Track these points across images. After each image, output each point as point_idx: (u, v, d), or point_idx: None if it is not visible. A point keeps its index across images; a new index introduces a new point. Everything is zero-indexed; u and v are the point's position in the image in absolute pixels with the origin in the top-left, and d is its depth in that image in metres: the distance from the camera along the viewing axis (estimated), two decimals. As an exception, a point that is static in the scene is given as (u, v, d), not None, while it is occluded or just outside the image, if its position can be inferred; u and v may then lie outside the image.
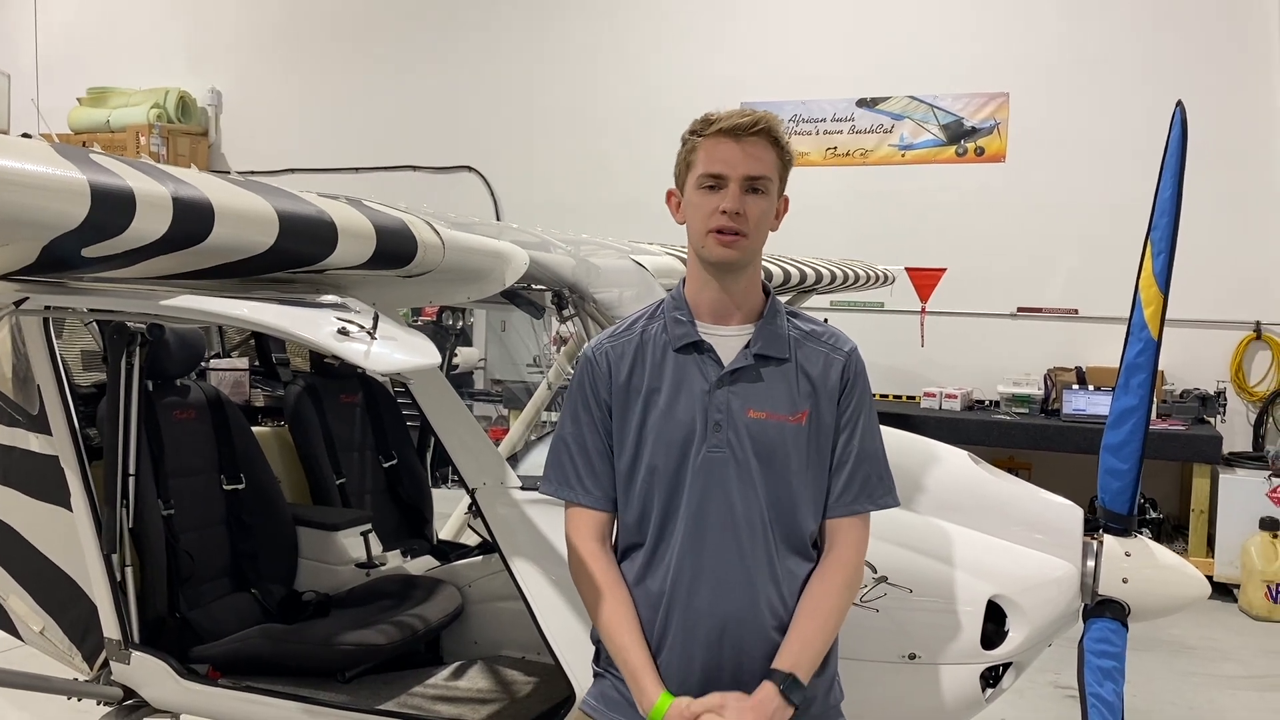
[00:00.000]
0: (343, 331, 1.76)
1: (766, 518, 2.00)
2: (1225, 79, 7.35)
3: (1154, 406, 6.06)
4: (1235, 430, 7.35)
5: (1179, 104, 2.51)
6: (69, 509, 3.15)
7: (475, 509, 2.74)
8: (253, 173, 9.25)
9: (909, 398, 7.93)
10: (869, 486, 2.07)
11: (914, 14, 8.24)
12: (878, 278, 6.30)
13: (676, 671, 2.00)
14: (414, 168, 9.81)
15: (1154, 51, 7.54)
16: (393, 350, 1.76)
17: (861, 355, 2.10)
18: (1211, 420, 7.14)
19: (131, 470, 3.10)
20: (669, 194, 2.08)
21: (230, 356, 4.85)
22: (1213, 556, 6.61)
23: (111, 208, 1.54)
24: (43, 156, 1.51)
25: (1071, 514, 2.66)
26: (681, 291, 2.09)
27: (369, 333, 1.76)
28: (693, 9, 8.91)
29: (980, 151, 8.10)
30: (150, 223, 1.61)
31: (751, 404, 2.00)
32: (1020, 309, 7.97)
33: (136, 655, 3.10)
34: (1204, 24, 7.45)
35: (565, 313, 2.90)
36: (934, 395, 7.57)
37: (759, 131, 1.95)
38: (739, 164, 1.94)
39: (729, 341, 2.04)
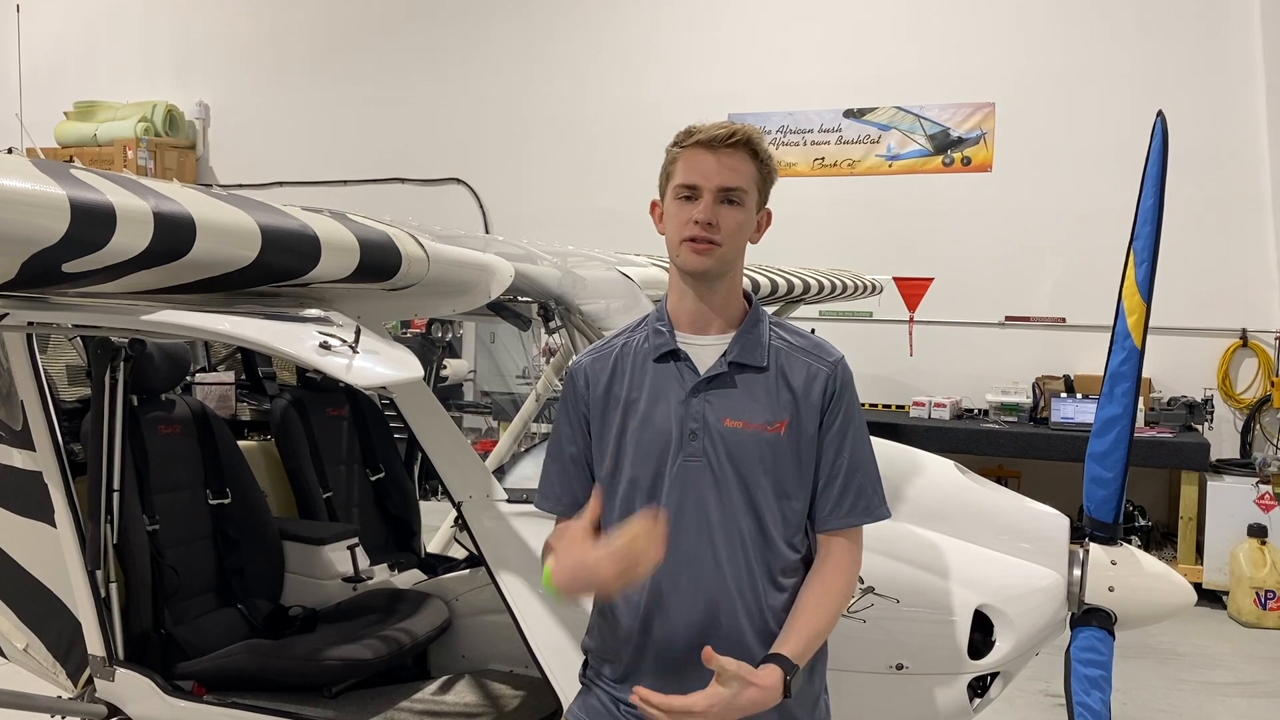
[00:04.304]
0: (325, 345, 1.75)
1: (743, 527, 1.99)
2: (1207, 88, 7.40)
3: (1141, 414, 6.11)
4: (1223, 437, 7.39)
5: (1160, 113, 2.53)
6: (53, 525, 3.13)
7: (461, 522, 2.73)
8: (240, 186, 9.27)
9: (898, 407, 7.95)
10: (864, 499, 2.05)
11: (900, 25, 8.29)
12: (866, 287, 6.32)
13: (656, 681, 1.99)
14: (402, 180, 9.82)
15: (1137, 61, 7.59)
16: (375, 364, 1.75)
17: (849, 366, 2.09)
18: (1199, 427, 7.17)
19: (116, 485, 3.08)
20: (653, 205, 2.09)
21: (216, 370, 4.82)
22: (1201, 563, 6.63)
23: (91, 223, 1.53)
24: (22, 171, 1.50)
25: (1057, 523, 2.66)
26: (664, 303, 2.09)
27: (351, 346, 1.76)
28: (681, 21, 8.94)
29: (967, 161, 8.14)
30: (131, 237, 1.60)
31: (728, 413, 1.99)
32: (1008, 318, 8.00)
33: (121, 672, 3.08)
34: (1186, 34, 7.51)
35: (552, 324, 2.89)
36: (923, 404, 7.58)
37: (735, 144, 1.95)
38: (713, 175, 1.94)
39: (706, 350, 2.03)
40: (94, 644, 3.11)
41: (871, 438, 2.15)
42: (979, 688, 2.51)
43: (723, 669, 1.85)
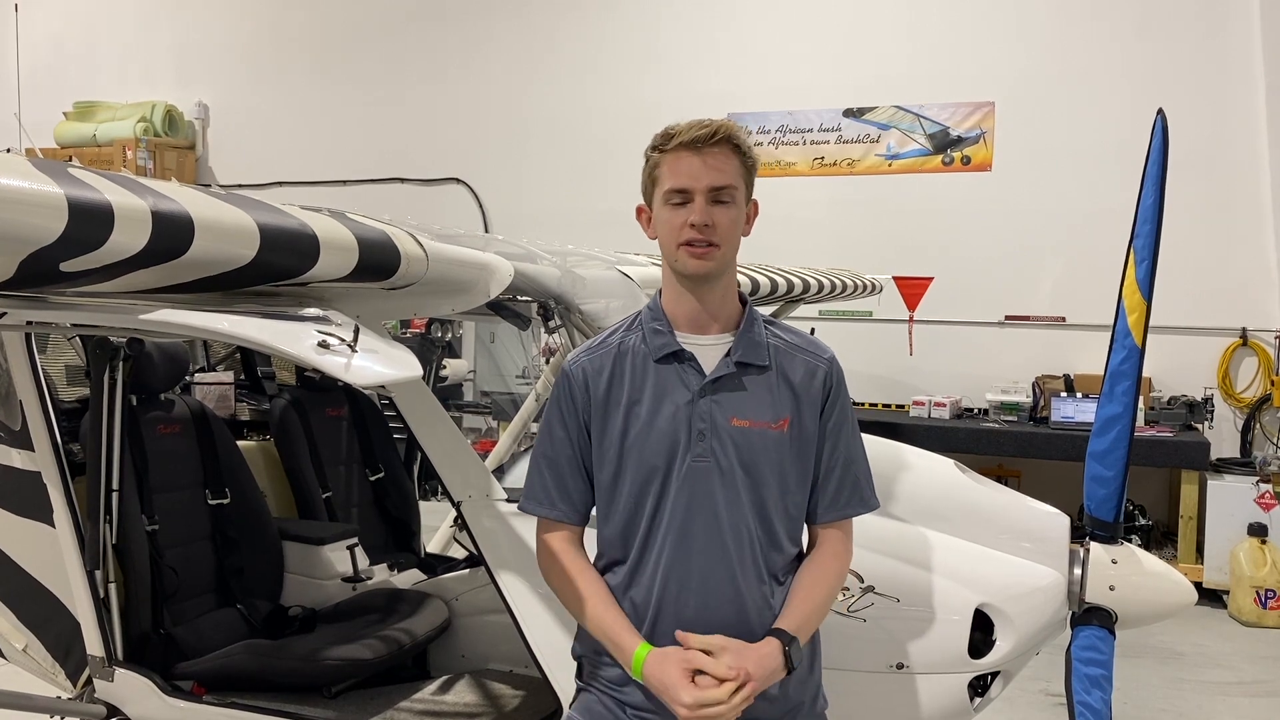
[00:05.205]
0: (323, 344, 1.74)
1: (752, 525, 2.00)
2: (1207, 87, 7.40)
3: (1141, 413, 6.10)
4: (1223, 436, 7.38)
5: (1160, 112, 2.52)
6: (52, 525, 3.13)
7: (461, 522, 2.72)
8: (240, 185, 9.27)
9: (898, 406, 7.95)
10: (858, 491, 2.10)
11: (900, 25, 8.28)
12: (865, 287, 6.31)
13: None
14: (402, 180, 9.81)
15: (1137, 60, 7.59)
16: (373, 363, 1.74)
17: (841, 363, 2.11)
18: (1199, 426, 7.16)
19: (115, 485, 3.08)
20: (639, 210, 2.09)
21: (215, 370, 4.82)
22: (1202, 562, 6.62)
23: (89, 222, 1.53)
24: (19, 170, 1.50)
25: (1057, 522, 2.66)
26: (659, 302, 2.08)
27: (350, 345, 1.75)
28: (681, 22, 8.94)
29: (966, 160, 8.13)
30: (129, 236, 1.60)
31: (734, 412, 2.00)
32: (1008, 317, 8.00)
33: (120, 672, 3.08)
34: (1186, 34, 7.51)
35: (551, 324, 2.89)
36: (923, 403, 7.58)
37: (718, 141, 1.95)
38: (702, 176, 1.94)
39: (709, 351, 2.04)
40: (93, 644, 3.10)
41: (873, 437, 2.17)
42: (979, 687, 2.51)
43: (707, 644, 1.91)
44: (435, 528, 4.57)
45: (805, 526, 2.12)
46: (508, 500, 2.64)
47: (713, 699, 1.85)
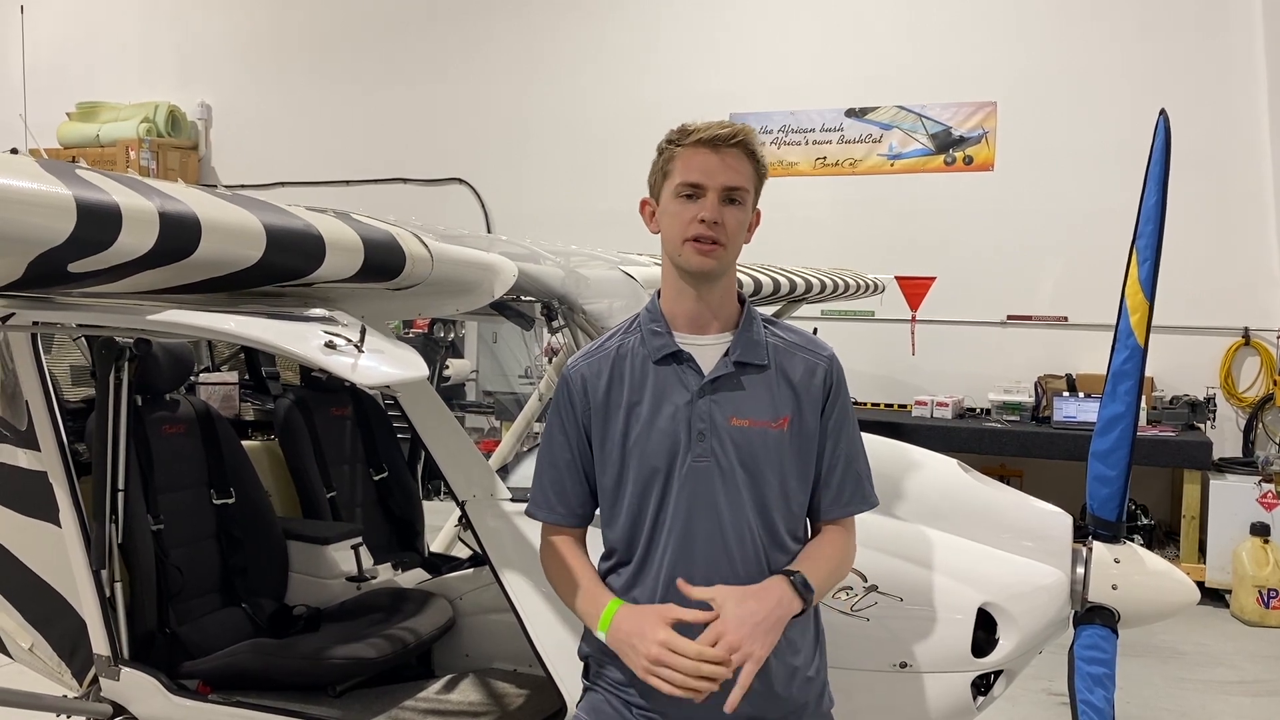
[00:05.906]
0: (329, 345, 1.75)
1: (754, 525, 2.01)
2: (1208, 87, 7.40)
3: (1143, 413, 6.10)
4: (1225, 436, 7.38)
5: (1162, 112, 2.53)
6: (57, 525, 3.14)
7: (465, 521, 2.74)
8: (243, 186, 9.28)
9: (900, 406, 7.95)
10: (859, 488, 2.11)
11: (902, 25, 8.28)
12: (867, 286, 6.31)
13: None
14: (404, 180, 9.82)
15: (1139, 60, 7.59)
16: (379, 363, 1.75)
17: (842, 362, 2.12)
18: (1201, 426, 7.17)
19: (120, 485, 3.09)
20: (643, 203, 2.09)
21: (220, 370, 4.83)
22: (1204, 562, 6.63)
23: (97, 223, 1.54)
24: (28, 172, 1.50)
25: (1060, 521, 2.67)
26: (657, 304, 2.09)
27: (356, 346, 1.76)
28: (683, 21, 8.94)
29: (969, 160, 8.14)
30: (137, 237, 1.61)
31: (734, 412, 2.01)
32: (1010, 317, 8.00)
33: (126, 671, 3.09)
34: (1187, 33, 7.51)
35: (555, 324, 2.89)
36: (925, 403, 7.58)
37: (737, 143, 1.95)
38: (718, 174, 1.95)
39: (708, 350, 2.04)
40: (99, 643, 3.11)
41: (876, 437, 2.17)
42: (982, 686, 2.51)
43: (703, 594, 1.90)
44: (439, 527, 4.58)
45: (808, 524, 2.13)
46: (511, 500, 2.65)
47: (682, 647, 1.84)
